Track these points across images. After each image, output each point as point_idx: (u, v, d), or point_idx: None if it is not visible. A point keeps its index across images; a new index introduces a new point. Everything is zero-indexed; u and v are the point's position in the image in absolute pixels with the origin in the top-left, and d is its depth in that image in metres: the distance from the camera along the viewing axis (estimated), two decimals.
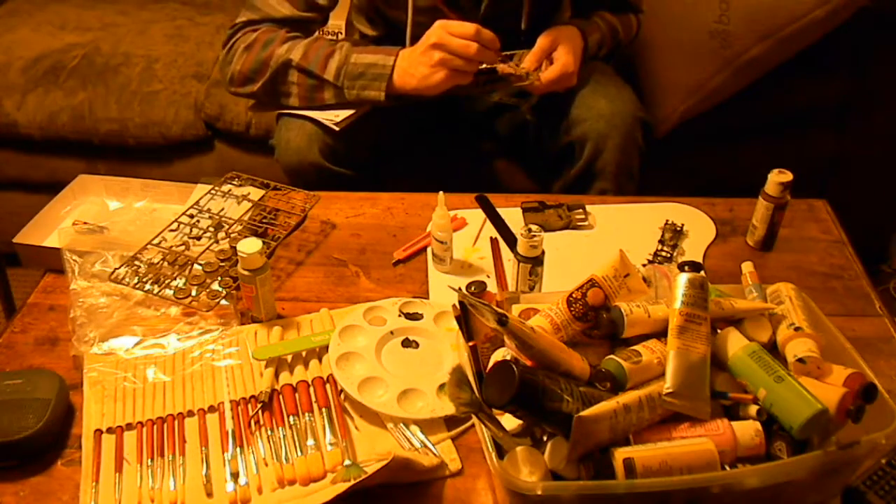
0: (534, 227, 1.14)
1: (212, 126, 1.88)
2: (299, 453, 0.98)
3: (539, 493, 0.80)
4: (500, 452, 0.87)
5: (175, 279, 1.20)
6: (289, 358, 1.11)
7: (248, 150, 1.89)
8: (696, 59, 1.67)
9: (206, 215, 1.33)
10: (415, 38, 1.41)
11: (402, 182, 1.51)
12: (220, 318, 1.17)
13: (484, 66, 1.40)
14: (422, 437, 1.00)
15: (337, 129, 1.43)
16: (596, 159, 1.47)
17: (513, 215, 1.38)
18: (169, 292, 1.18)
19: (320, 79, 1.42)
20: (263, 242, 1.13)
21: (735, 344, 0.93)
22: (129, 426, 1.03)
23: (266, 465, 0.97)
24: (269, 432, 1.01)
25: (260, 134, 1.83)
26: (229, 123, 1.84)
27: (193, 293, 1.17)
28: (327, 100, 1.45)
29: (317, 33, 1.55)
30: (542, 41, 1.42)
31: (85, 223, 1.34)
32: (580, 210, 1.38)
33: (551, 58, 1.43)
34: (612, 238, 1.34)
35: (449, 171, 1.75)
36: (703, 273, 0.94)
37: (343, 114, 1.45)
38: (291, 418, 1.03)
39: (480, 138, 1.77)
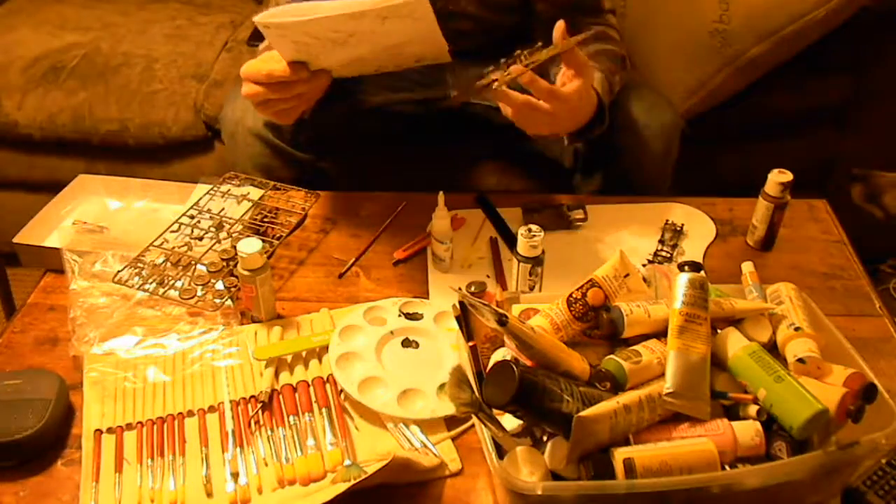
0: (534, 227, 1.13)
1: (211, 127, 1.88)
2: (299, 453, 0.98)
3: (539, 493, 0.80)
4: (500, 452, 0.87)
5: (179, 280, 1.20)
6: (289, 358, 1.11)
7: None
8: (696, 59, 1.67)
9: (207, 216, 1.33)
10: None
11: (402, 182, 1.50)
12: (221, 317, 1.17)
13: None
14: (422, 437, 1.00)
15: None
16: (629, 173, 1.41)
17: (513, 215, 1.38)
18: (174, 293, 1.18)
19: None
20: (264, 242, 1.13)
21: (735, 344, 0.93)
22: (129, 426, 1.03)
23: (266, 465, 0.97)
24: (269, 432, 1.01)
25: None
26: None
27: (199, 293, 1.17)
28: None
29: None
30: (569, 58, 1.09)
31: (85, 223, 1.35)
32: (580, 210, 1.38)
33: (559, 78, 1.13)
34: (612, 238, 1.33)
35: (449, 171, 1.75)
36: (703, 273, 0.94)
37: None
38: (291, 418, 1.02)
39: (480, 137, 1.77)
